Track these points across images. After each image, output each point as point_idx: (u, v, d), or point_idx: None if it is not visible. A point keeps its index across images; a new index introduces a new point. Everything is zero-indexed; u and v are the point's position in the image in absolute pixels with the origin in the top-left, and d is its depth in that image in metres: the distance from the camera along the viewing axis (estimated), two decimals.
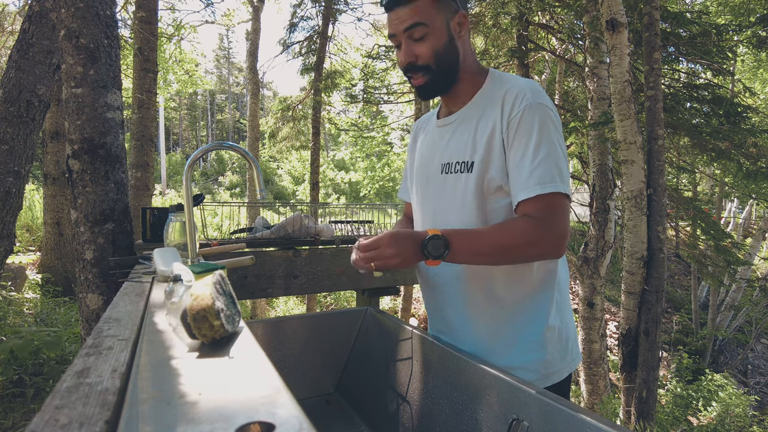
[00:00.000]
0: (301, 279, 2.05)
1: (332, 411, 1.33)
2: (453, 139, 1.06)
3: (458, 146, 1.04)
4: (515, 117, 0.94)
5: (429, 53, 0.98)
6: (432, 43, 0.98)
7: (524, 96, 0.95)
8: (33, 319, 4.00)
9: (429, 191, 1.11)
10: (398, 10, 0.97)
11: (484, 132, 0.99)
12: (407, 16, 0.96)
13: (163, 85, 11.03)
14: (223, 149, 1.19)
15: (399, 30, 0.98)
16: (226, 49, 40.12)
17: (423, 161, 1.14)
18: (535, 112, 0.93)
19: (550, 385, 1.02)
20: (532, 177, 0.91)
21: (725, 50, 4.57)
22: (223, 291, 0.69)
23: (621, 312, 4.18)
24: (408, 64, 1.00)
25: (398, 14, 0.97)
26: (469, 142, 1.01)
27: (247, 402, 0.44)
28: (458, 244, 0.89)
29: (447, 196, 1.05)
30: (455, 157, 1.04)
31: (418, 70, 1.00)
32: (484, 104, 1.02)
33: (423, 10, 0.96)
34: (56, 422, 0.38)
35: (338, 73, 9.14)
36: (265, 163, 23.99)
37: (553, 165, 0.92)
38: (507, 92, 0.98)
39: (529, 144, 0.93)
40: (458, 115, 1.06)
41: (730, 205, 13.80)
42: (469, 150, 1.01)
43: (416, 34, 0.97)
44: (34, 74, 2.64)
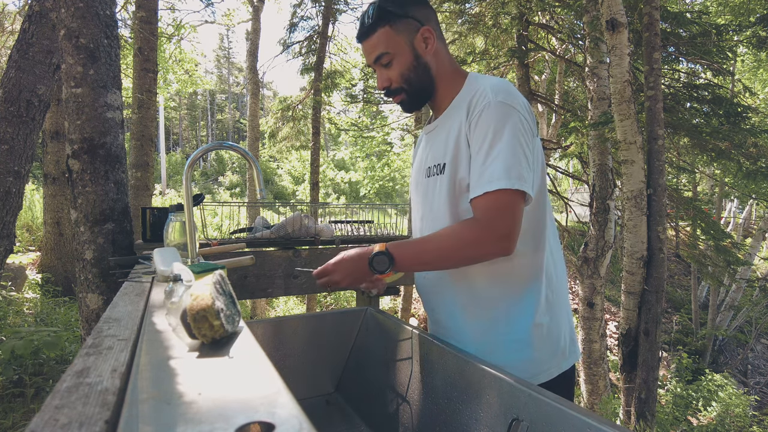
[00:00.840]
0: (301, 279, 2.05)
1: (332, 411, 1.33)
2: (433, 143, 1.12)
3: (435, 150, 1.10)
4: (475, 116, 0.98)
5: (398, 77, 1.07)
6: (399, 67, 1.06)
7: (485, 95, 0.98)
8: (33, 319, 4.00)
9: (419, 195, 1.17)
10: (365, 43, 1.07)
11: (452, 134, 1.04)
12: (371, 47, 1.05)
13: (163, 84, 11.03)
14: (223, 149, 1.19)
15: (369, 61, 1.08)
16: (226, 49, 40.13)
17: (415, 167, 1.22)
18: (493, 111, 0.96)
19: (541, 383, 1.00)
20: (483, 175, 0.94)
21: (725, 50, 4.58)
22: (223, 291, 0.69)
23: (621, 312, 4.18)
24: (384, 89, 1.09)
25: (365, 47, 1.07)
26: (442, 146, 1.07)
27: (247, 402, 0.44)
28: (401, 257, 0.97)
29: (429, 199, 1.11)
30: (433, 161, 1.10)
31: (394, 92, 1.09)
32: (458, 108, 1.06)
33: (383, 40, 1.04)
34: (56, 422, 0.38)
35: (338, 73, 9.13)
36: (265, 163, 23.99)
37: (502, 162, 0.92)
38: (475, 93, 1.01)
39: (484, 142, 0.95)
40: (438, 121, 1.12)
41: (730, 205, 13.80)
42: (442, 152, 1.07)
43: (383, 61, 1.05)
44: (34, 74, 2.64)
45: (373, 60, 1.06)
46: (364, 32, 1.06)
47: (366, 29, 1.06)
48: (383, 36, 1.04)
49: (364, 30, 1.06)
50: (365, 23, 1.06)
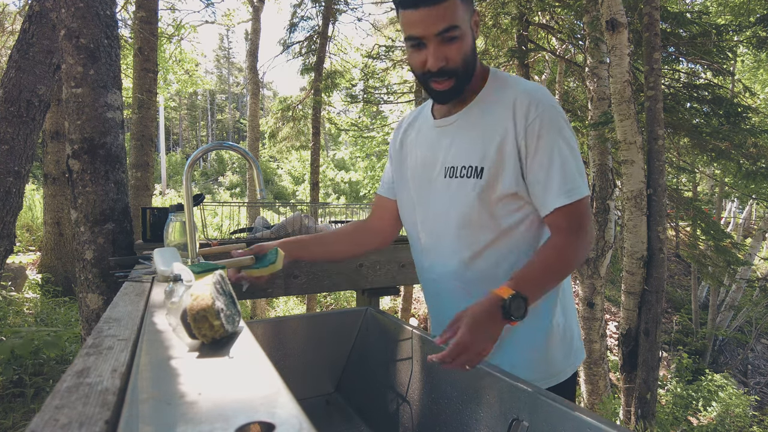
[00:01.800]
0: (301, 279, 2.05)
1: (332, 411, 1.33)
2: (456, 141, 1.02)
3: (464, 150, 1.00)
4: (532, 124, 0.93)
5: (460, 57, 0.93)
6: (463, 45, 0.92)
7: (538, 102, 0.93)
8: (33, 319, 4.00)
9: (431, 194, 1.07)
10: (427, 9, 0.87)
11: (493, 137, 0.96)
12: (439, 17, 0.88)
13: (163, 84, 11.03)
14: (223, 149, 1.19)
15: (429, 32, 0.89)
16: (226, 49, 40.13)
17: (423, 162, 1.09)
18: (551, 118, 0.93)
19: (554, 384, 1.01)
20: (560, 186, 0.92)
21: (725, 50, 4.58)
22: (223, 291, 0.70)
23: (621, 312, 4.18)
24: (439, 68, 0.92)
25: (428, 14, 0.88)
26: (477, 147, 0.98)
27: (247, 402, 0.44)
28: (532, 293, 0.86)
29: (451, 200, 1.02)
30: (461, 161, 1.00)
31: (446, 74, 0.94)
32: (488, 107, 0.98)
33: (455, 11, 0.89)
34: (56, 422, 0.38)
35: (338, 73, 9.14)
36: (265, 163, 23.99)
37: (574, 169, 0.93)
38: (518, 98, 0.95)
39: (554, 151, 0.92)
40: (460, 117, 1.02)
41: (730, 205, 13.80)
42: (478, 155, 0.97)
43: (451, 35, 0.90)
44: (35, 74, 2.64)
45: (437, 31, 0.89)
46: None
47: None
48: (455, 5, 0.88)
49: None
50: None
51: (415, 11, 0.88)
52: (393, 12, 10.33)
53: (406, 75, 10.42)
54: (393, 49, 8.83)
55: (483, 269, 1.01)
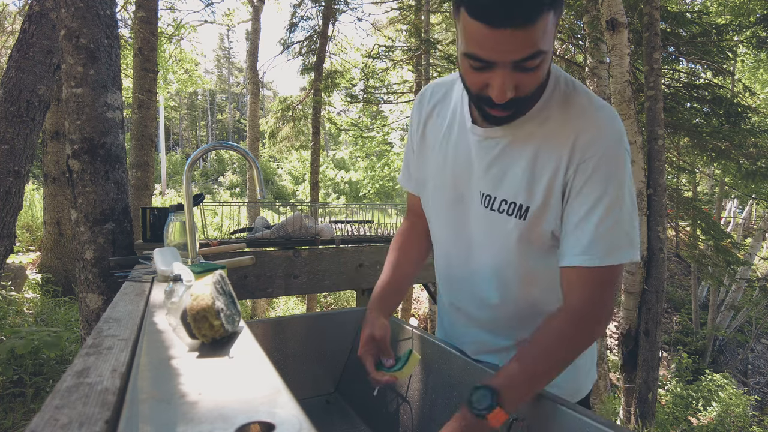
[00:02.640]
0: (301, 279, 2.05)
1: (332, 411, 1.33)
2: (499, 165, 0.83)
3: (508, 181, 0.82)
4: (587, 163, 0.76)
5: (534, 86, 0.72)
6: (541, 72, 0.71)
7: (602, 141, 0.76)
8: (33, 319, 4.00)
9: (459, 218, 0.92)
10: (511, 31, 0.62)
11: (544, 171, 0.79)
12: (524, 42, 0.64)
13: (163, 84, 11.03)
14: (223, 149, 1.19)
15: (505, 59, 0.66)
16: (226, 49, 40.13)
17: (453, 173, 0.90)
18: (612, 162, 0.76)
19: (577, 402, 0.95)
20: (599, 243, 0.75)
21: (725, 50, 4.58)
22: (223, 291, 0.70)
23: (621, 312, 4.18)
24: (509, 100, 0.71)
25: (510, 37, 0.63)
26: (524, 181, 0.81)
27: (247, 402, 0.44)
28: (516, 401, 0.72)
29: (482, 233, 0.89)
30: (503, 194, 0.83)
31: (512, 106, 0.73)
32: (546, 128, 0.79)
33: (545, 32, 0.65)
34: (56, 422, 0.38)
35: (338, 73, 9.15)
36: (265, 163, 23.99)
37: (623, 230, 0.76)
38: (583, 126, 0.77)
39: (598, 201, 0.75)
40: (508, 133, 0.81)
41: (730, 205, 13.81)
42: (524, 191, 0.81)
43: (531, 64, 0.67)
44: (35, 74, 2.64)
45: (519, 58, 0.66)
46: (523, 14, 0.61)
47: (526, 10, 0.61)
48: (545, 25, 0.64)
49: (522, 9, 0.61)
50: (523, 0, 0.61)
51: (492, 30, 0.63)
52: (393, 12, 10.33)
53: (406, 75, 10.43)
54: (393, 49, 8.83)
55: (509, 313, 0.92)
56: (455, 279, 0.97)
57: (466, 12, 0.65)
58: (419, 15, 8.46)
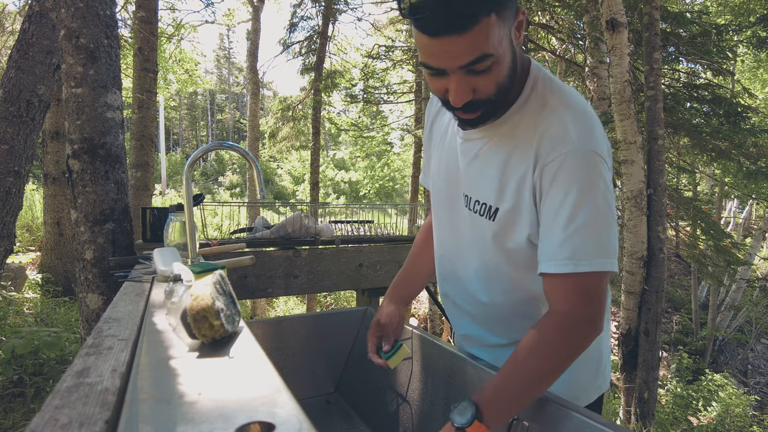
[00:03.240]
0: (301, 279, 2.05)
1: (332, 411, 1.33)
2: (476, 165, 0.85)
3: (482, 181, 0.84)
4: (552, 164, 0.74)
5: (493, 87, 0.72)
6: (498, 74, 0.71)
7: (568, 139, 0.73)
8: (33, 319, 4.00)
9: (452, 217, 0.94)
10: (449, 39, 0.64)
11: (513, 174, 0.79)
12: (465, 48, 0.65)
13: (163, 84, 11.04)
14: (223, 149, 1.19)
15: (452, 65, 0.68)
16: (227, 49, 40.13)
17: (446, 176, 0.93)
18: (578, 163, 0.73)
19: None
20: (565, 247, 0.72)
21: (725, 50, 4.58)
22: (223, 291, 0.70)
23: (621, 312, 4.18)
24: (465, 104, 0.72)
25: (450, 44, 0.65)
26: (495, 182, 0.81)
27: (247, 402, 0.44)
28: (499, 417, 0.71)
29: (469, 234, 0.90)
30: (477, 194, 0.85)
31: (474, 107, 0.74)
32: (518, 130, 0.79)
33: (486, 37, 0.65)
34: (56, 422, 0.38)
35: (338, 73, 9.15)
36: (265, 163, 24.00)
37: (593, 234, 0.72)
38: (549, 126, 0.75)
39: (564, 202, 0.73)
40: (485, 135, 0.83)
41: (730, 205, 13.81)
42: (494, 192, 0.82)
43: (481, 66, 0.68)
44: (34, 74, 2.64)
45: (462, 64, 0.67)
46: (457, 21, 0.63)
47: (459, 17, 0.62)
48: (487, 29, 0.64)
49: (455, 17, 0.62)
50: (455, 7, 0.62)
51: (433, 40, 0.66)
52: (393, 12, 10.33)
53: (406, 75, 10.43)
54: (393, 49, 8.83)
55: (500, 313, 0.92)
56: (448, 274, 1.00)
57: (413, 25, 0.68)
58: None
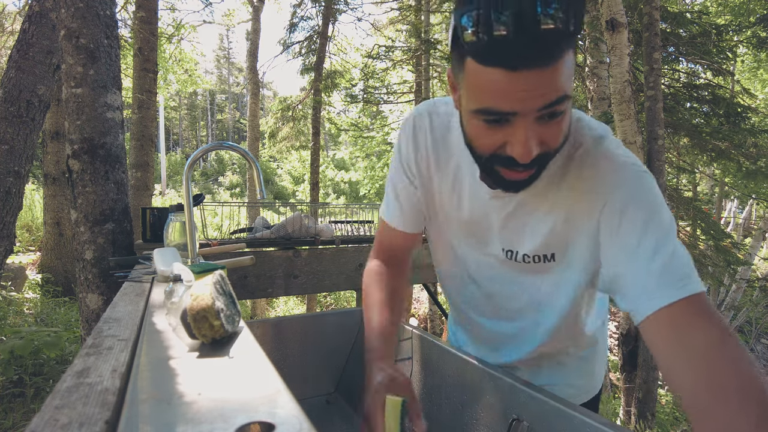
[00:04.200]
0: (301, 279, 2.05)
1: (332, 411, 1.33)
2: (517, 220, 0.77)
3: (529, 236, 0.76)
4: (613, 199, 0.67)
5: (559, 137, 0.61)
6: (565, 121, 0.61)
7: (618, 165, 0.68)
8: (33, 319, 4.00)
9: (485, 271, 0.86)
10: (535, 72, 0.53)
11: (570, 220, 0.73)
12: (549, 84, 0.54)
13: (163, 84, 11.04)
14: (223, 149, 1.19)
15: (530, 107, 0.56)
16: (226, 49, 40.13)
17: (469, 228, 0.83)
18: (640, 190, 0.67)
19: (591, 398, 1.00)
20: (667, 276, 0.60)
21: (725, 50, 4.58)
22: (223, 291, 0.69)
23: (621, 312, 4.17)
24: (535, 157, 0.60)
25: (534, 80, 0.54)
26: (545, 233, 0.75)
27: (247, 402, 0.44)
28: None
29: (512, 285, 0.84)
30: (525, 249, 0.78)
31: (535, 164, 0.62)
32: (558, 173, 0.71)
33: (567, 74, 0.56)
34: (56, 422, 0.38)
35: (338, 73, 9.15)
36: (265, 163, 23.99)
37: (685, 254, 0.63)
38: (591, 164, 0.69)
39: (647, 232, 0.63)
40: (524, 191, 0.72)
41: (730, 205, 13.81)
42: (549, 248, 0.76)
43: (558, 109, 0.57)
44: (34, 74, 2.64)
45: (545, 104, 0.56)
46: (544, 52, 0.53)
47: (547, 46, 0.52)
48: (567, 65, 0.55)
49: (542, 46, 0.52)
50: (544, 34, 0.51)
51: (512, 74, 0.53)
52: (393, 12, 10.33)
53: (406, 75, 10.43)
54: (393, 49, 8.83)
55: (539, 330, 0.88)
56: (474, 321, 0.94)
57: (475, 61, 0.56)
58: (419, 15, 8.46)
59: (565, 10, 0.50)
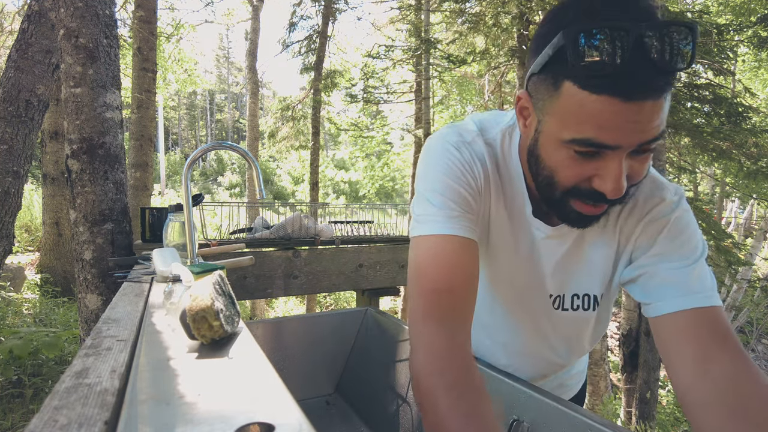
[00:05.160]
0: (301, 279, 2.05)
1: (332, 411, 1.33)
2: (568, 263, 0.74)
3: (584, 275, 0.75)
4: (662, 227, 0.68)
5: (644, 172, 0.59)
6: (650, 159, 0.59)
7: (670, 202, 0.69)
8: (32, 320, 4.00)
9: (527, 314, 0.81)
10: (645, 104, 0.50)
11: (602, 257, 0.73)
12: (655, 118, 0.51)
13: (162, 84, 11.04)
14: (223, 149, 1.19)
15: (635, 141, 0.52)
16: (226, 48, 40.12)
17: (517, 269, 0.77)
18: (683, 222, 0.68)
19: (579, 390, 1.03)
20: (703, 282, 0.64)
21: (726, 50, 4.58)
22: (223, 291, 0.69)
23: (622, 312, 4.18)
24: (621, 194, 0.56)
25: (645, 112, 0.50)
26: (597, 275, 0.75)
27: (247, 402, 0.43)
28: None
29: (561, 331, 0.81)
30: (576, 289, 0.76)
31: (618, 200, 0.59)
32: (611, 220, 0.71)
33: (668, 107, 0.53)
34: (55, 423, 0.37)
35: (338, 72, 9.15)
36: (264, 163, 24.00)
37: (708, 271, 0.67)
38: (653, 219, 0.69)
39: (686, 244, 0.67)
40: (573, 231, 0.72)
41: (731, 205, 13.81)
42: (596, 285, 0.76)
43: (653, 147, 0.55)
44: (33, 74, 2.64)
45: (649, 139, 0.53)
46: (660, 81, 0.49)
47: (662, 75, 0.49)
48: (669, 99, 0.53)
49: (658, 75, 0.49)
50: (663, 65, 0.48)
51: (620, 103, 0.50)
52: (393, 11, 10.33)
53: (406, 75, 10.43)
54: (393, 49, 8.83)
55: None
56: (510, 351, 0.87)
57: (577, 85, 0.51)
58: (419, 14, 8.46)
59: (689, 42, 0.48)
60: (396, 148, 16.35)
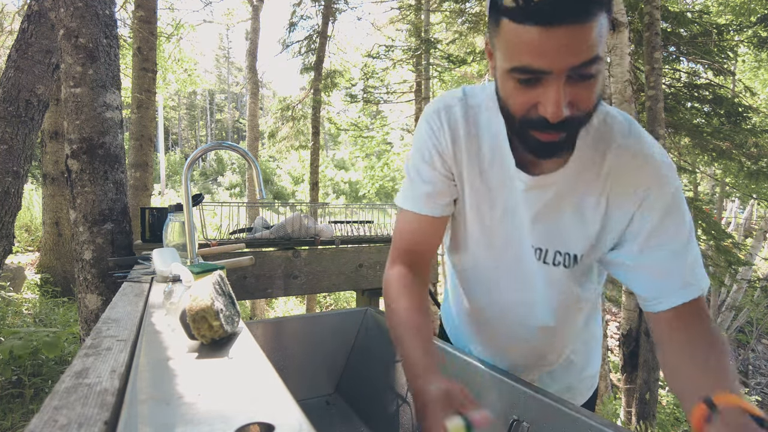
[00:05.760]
0: (301, 279, 2.05)
1: (332, 411, 1.33)
2: (550, 215, 0.77)
3: (564, 231, 0.77)
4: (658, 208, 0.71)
5: (592, 99, 0.62)
6: (596, 85, 0.62)
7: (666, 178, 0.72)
8: (32, 320, 4.00)
9: (514, 271, 0.84)
10: (568, 29, 0.54)
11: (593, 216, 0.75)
12: (583, 42, 0.56)
13: (162, 84, 11.04)
14: (223, 149, 1.19)
15: (563, 64, 0.57)
16: (226, 48, 40.12)
17: (501, 224, 0.81)
18: (679, 199, 0.72)
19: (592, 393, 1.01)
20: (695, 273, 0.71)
21: (726, 50, 4.58)
22: (223, 291, 0.69)
23: (622, 312, 4.18)
24: (562, 120, 0.60)
25: (568, 36, 0.55)
26: (579, 233, 0.77)
27: (247, 402, 0.43)
28: None
29: (542, 285, 0.83)
30: (557, 245, 0.79)
31: (567, 126, 0.62)
32: (592, 172, 0.73)
33: (600, 36, 0.57)
34: (55, 423, 0.37)
35: (338, 72, 9.14)
36: (264, 163, 23.99)
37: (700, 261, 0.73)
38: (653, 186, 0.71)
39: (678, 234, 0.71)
40: (556, 179, 0.74)
41: (731, 205, 13.81)
42: (581, 242, 0.77)
43: (592, 70, 0.59)
44: (33, 74, 2.64)
45: (578, 63, 0.57)
46: (580, 6, 0.54)
47: (584, 2, 0.54)
48: (600, 27, 0.56)
49: (579, 2, 0.54)
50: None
51: (544, 30, 0.55)
52: (393, 11, 10.33)
53: (406, 74, 10.43)
54: (393, 49, 8.83)
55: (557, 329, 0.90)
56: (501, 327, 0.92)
57: (510, 20, 0.57)
58: (419, 14, 8.46)
59: None
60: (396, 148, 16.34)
